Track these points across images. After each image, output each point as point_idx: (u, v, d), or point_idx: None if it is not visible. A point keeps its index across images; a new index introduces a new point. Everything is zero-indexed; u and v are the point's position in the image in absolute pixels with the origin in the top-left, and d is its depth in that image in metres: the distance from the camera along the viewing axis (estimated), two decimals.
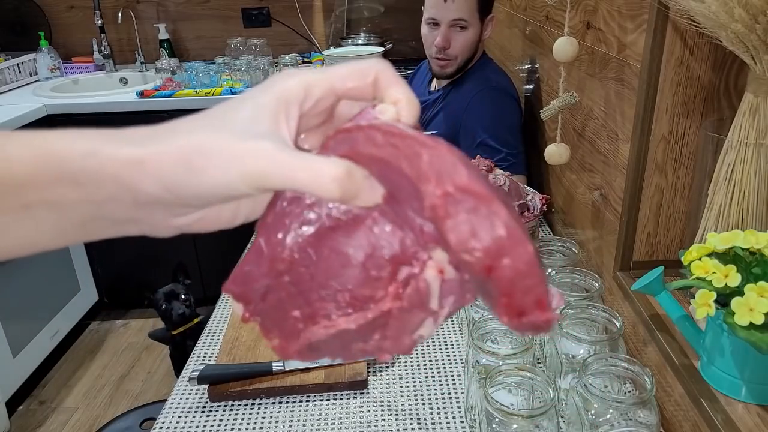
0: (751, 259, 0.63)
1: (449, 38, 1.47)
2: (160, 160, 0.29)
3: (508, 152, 1.42)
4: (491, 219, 0.29)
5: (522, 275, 0.29)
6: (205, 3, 2.75)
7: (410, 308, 0.32)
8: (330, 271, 0.32)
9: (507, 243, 0.29)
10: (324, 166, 0.29)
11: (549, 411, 0.63)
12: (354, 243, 0.32)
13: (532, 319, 0.30)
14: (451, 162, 0.29)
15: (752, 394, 0.65)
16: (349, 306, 0.33)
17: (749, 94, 0.68)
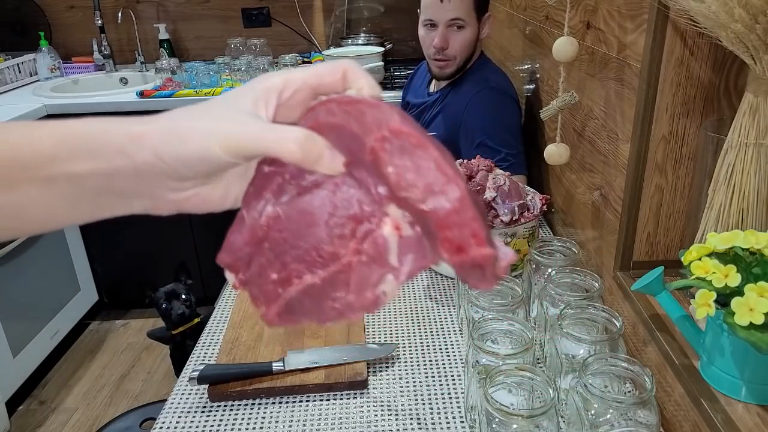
0: (751, 259, 0.63)
1: (447, 38, 1.47)
2: (155, 133, 0.35)
3: (508, 152, 1.42)
4: (424, 159, 0.32)
5: (456, 210, 0.32)
6: (205, 3, 2.75)
7: (369, 262, 0.36)
8: (299, 232, 0.37)
9: (440, 180, 0.32)
10: (288, 132, 0.35)
11: (549, 411, 0.63)
12: (318, 206, 0.36)
13: (472, 254, 0.33)
14: (388, 112, 0.33)
15: (752, 394, 0.65)
16: (315, 263, 0.37)
17: (749, 94, 0.68)
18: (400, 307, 1.12)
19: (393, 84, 2.40)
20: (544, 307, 0.87)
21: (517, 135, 1.47)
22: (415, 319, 1.08)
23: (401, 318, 1.08)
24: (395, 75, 2.54)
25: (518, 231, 1.13)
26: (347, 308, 0.38)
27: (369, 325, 1.06)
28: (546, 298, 0.87)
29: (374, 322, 1.07)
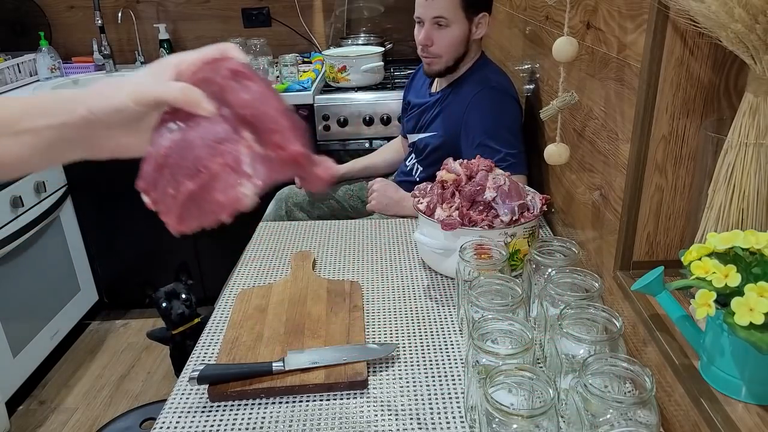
0: (751, 259, 0.63)
1: (431, 36, 1.48)
2: (87, 95, 0.53)
3: (508, 152, 1.42)
4: (252, 86, 0.51)
5: (274, 118, 0.50)
6: (205, 3, 2.75)
7: (231, 171, 0.52)
8: (184, 155, 0.52)
9: (261, 98, 0.51)
10: (173, 84, 0.52)
11: (549, 411, 0.63)
12: (197, 136, 0.52)
13: (289, 151, 0.51)
14: (231, 60, 0.52)
15: (752, 394, 0.65)
16: (194, 175, 0.52)
17: (749, 94, 0.68)
18: (400, 307, 1.12)
19: (393, 84, 2.40)
20: (544, 307, 0.87)
21: (517, 135, 1.47)
22: (415, 319, 1.08)
23: (401, 318, 1.08)
24: (395, 75, 2.54)
25: (518, 231, 1.13)
26: (219, 207, 0.53)
27: (369, 325, 1.06)
28: (546, 298, 0.87)
29: (374, 322, 1.07)
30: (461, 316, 1.02)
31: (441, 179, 1.20)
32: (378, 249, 1.35)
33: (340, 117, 2.25)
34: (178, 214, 0.53)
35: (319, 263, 1.30)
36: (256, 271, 1.28)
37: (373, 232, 1.44)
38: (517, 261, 1.14)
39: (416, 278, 1.22)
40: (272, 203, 1.80)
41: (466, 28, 1.48)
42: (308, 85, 2.26)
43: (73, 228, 2.42)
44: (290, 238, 1.42)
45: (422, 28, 1.49)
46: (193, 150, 0.52)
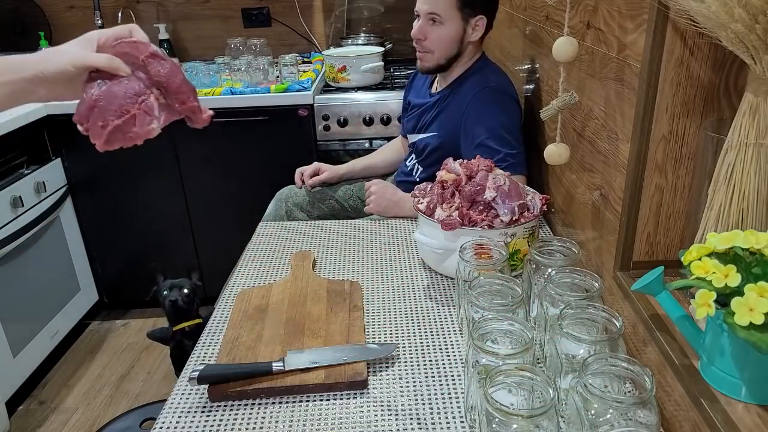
0: (751, 259, 0.63)
1: (424, 31, 1.49)
2: (37, 59, 0.75)
3: (508, 152, 1.42)
4: (166, 64, 0.78)
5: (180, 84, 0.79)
6: (205, 3, 2.75)
7: (145, 114, 0.78)
8: (111, 101, 0.77)
9: (172, 71, 0.78)
10: (101, 54, 0.77)
11: (549, 411, 0.63)
12: (119, 89, 0.77)
13: (189, 104, 0.80)
14: (148, 46, 0.79)
15: (752, 394, 0.65)
16: (120, 114, 0.77)
17: (749, 94, 0.68)
18: (400, 307, 1.12)
19: (393, 84, 2.40)
20: (544, 307, 0.87)
21: (517, 135, 1.47)
22: (415, 319, 1.08)
23: (401, 318, 1.08)
24: (395, 75, 2.54)
25: (518, 231, 1.13)
26: (137, 135, 0.78)
27: (369, 325, 1.06)
28: (546, 298, 0.87)
29: (374, 322, 1.07)
30: (461, 316, 1.02)
31: (441, 179, 1.20)
32: (378, 249, 1.35)
33: (340, 117, 2.25)
34: (106, 139, 0.78)
35: (319, 263, 1.30)
36: (256, 271, 1.28)
37: (373, 232, 1.44)
38: (517, 261, 1.14)
39: (416, 278, 1.22)
40: (272, 203, 1.80)
41: (460, 28, 1.48)
42: (308, 85, 2.26)
43: (73, 228, 2.42)
44: (290, 238, 1.42)
45: (418, 22, 1.51)
46: (117, 98, 0.77)
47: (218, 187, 2.39)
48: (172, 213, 2.41)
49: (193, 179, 2.37)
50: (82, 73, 0.77)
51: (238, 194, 2.38)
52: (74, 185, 2.39)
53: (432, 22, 1.48)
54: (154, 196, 2.40)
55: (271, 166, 2.30)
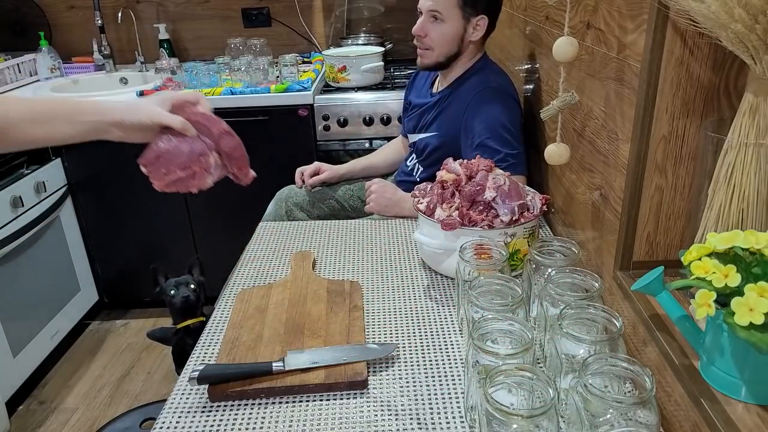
0: (751, 259, 0.63)
1: (425, 28, 1.50)
2: (120, 109, 0.92)
3: (508, 152, 1.42)
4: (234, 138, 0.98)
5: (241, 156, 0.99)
6: (205, 3, 2.75)
7: (204, 171, 0.95)
8: (178, 155, 0.93)
9: (237, 145, 0.98)
10: (176, 117, 0.94)
11: (549, 411, 0.63)
12: (187, 146, 0.93)
13: (243, 171, 1.00)
14: (220, 122, 0.97)
15: (752, 394, 0.65)
16: (183, 168, 0.93)
17: (749, 94, 0.68)
18: (400, 307, 1.12)
19: (393, 84, 2.40)
20: (544, 307, 0.87)
21: (517, 135, 1.47)
22: (415, 319, 1.08)
23: (401, 318, 1.08)
24: (395, 75, 2.54)
25: (518, 231, 1.13)
26: (193, 186, 0.94)
27: (369, 325, 1.06)
28: (546, 298, 0.87)
29: (374, 322, 1.07)
30: (461, 316, 1.02)
31: (441, 179, 1.20)
32: (378, 249, 1.35)
33: (340, 117, 2.25)
34: (166, 183, 0.94)
35: (319, 263, 1.30)
36: (256, 271, 1.28)
37: (373, 232, 1.44)
38: (517, 261, 1.14)
39: (416, 278, 1.22)
40: (272, 203, 1.80)
41: (461, 26, 1.49)
42: (308, 85, 2.26)
43: (73, 228, 2.42)
44: (290, 238, 1.42)
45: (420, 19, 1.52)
46: (183, 154, 0.93)
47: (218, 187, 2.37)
48: (172, 213, 2.41)
49: None
50: (155, 127, 0.93)
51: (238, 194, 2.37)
52: (74, 185, 2.39)
53: (433, 19, 1.48)
54: (154, 196, 2.38)
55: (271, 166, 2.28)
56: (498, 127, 1.44)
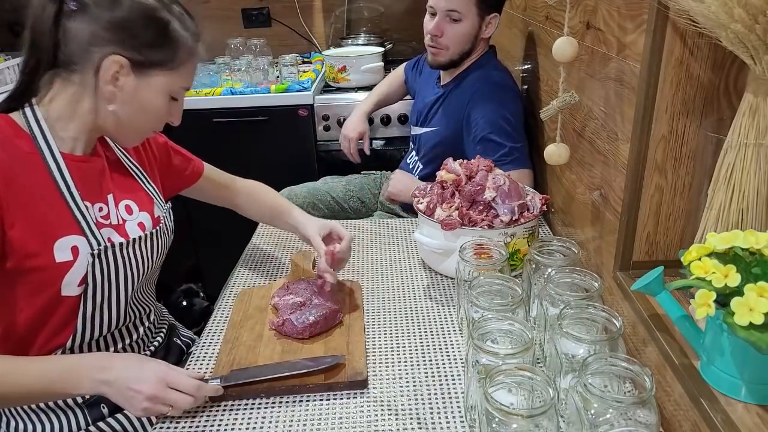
0: (750, 259, 0.63)
1: (442, 27, 1.49)
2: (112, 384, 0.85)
3: (512, 146, 1.42)
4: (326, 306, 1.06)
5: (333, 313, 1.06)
6: (205, 3, 2.75)
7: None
8: (308, 308, 1.04)
9: (333, 312, 1.05)
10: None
11: (549, 411, 0.63)
12: (315, 302, 1.06)
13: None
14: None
15: (752, 394, 0.65)
16: (318, 316, 1.02)
17: (749, 94, 0.68)
18: (400, 307, 1.12)
19: None
20: (543, 307, 0.87)
21: (520, 129, 1.47)
22: (415, 319, 1.08)
23: (401, 318, 1.08)
24: None
25: (518, 231, 1.13)
26: (323, 330, 1.02)
27: (369, 325, 1.06)
28: (546, 298, 0.87)
29: (374, 322, 1.07)
30: (461, 316, 1.02)
31: (441, 179, 1.20)
32: (378, 249, 1.35)
33: (340, 117, 2.24)
34: (301, 331, 1.01)
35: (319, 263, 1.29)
36: (256, 271, 1.28)
37: (373, 232, 1.44)
38: (516, 261, 1.14)
39: (416, 278, 1.22)
40: None
41: (476, 24, 1.49)
42: (308, 85, 2.26)
43: None
44: (290, 238, 1.42)
45: (433, 18, 1.50)
46: (312, 307, 1.05)
47: None
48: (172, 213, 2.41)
49: None
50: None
51: None
52: None
53: (450, 18, 1.47)
54: None
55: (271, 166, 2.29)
56: (501, 121, 1.44)
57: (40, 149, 0.88)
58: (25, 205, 0.85)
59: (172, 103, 0.96)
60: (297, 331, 0.99)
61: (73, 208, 0.89)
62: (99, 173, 0.97)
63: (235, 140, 2.29)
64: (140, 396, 0.82)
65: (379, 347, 1.00)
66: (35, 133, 0.88)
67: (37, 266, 0.86)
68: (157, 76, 0.90)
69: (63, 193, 0.89)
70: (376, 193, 1.90)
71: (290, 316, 1.01)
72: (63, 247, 0.87)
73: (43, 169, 0.88)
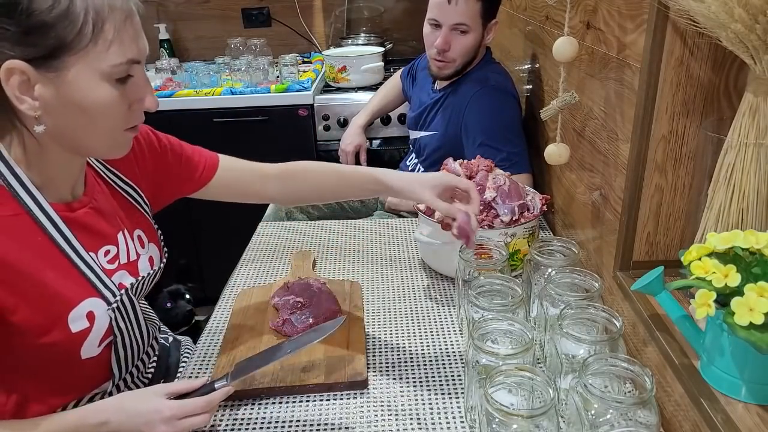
0: (750, 258, 0.63)
1: (449, 41, 1.47)
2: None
3: (510, 151, 1.42)
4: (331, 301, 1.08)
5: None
6: (205, 3, 2.75)
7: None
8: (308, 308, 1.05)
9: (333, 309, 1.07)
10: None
11: (549, 411, 0.63)
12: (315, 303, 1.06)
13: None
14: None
15: (752, 394, 0.65)
16: (317, 317, 1.03)
17: (749, 94, 0.68)
18: (400, 307, 1.12)
19: None
20: (544, 307, 0.87)
21: (519, 133, 1.47)
22: (415, 319, 1.08)
23: (401, 318, 1.08)
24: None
25: (518, 231, 1.13)
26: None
27: (369, 325, 1.06)
28: (546, 298, 0.87)
29: (374, 322, 1.07)
30: (461, 316, 1.02)
31: None
32: (378, 249, 1.35)
33: (340, 117, 2.25)
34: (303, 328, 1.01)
35: (319, 263, 1.30)
36: (256, 271, 1.28)
37: (373, 232, 1.44)
38: (517, 261, 1.14)
39: (416, 278, 1.22)
40: (272, 204, 1.79)
41: (481, 34, 1.49)
42: (308, 85, 2.26)
43: None
44: (290, 238, 1.42)
45: (436, 31, 1.48)
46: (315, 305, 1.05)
47: None
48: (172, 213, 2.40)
49: None
50: None
51: None
52: None
53: (460, 32, 1.46)
54: None
55: None
56: (498, 126, 1.44)
57: (26, 207, 0.74)
58: (25, 282, 0.73)
59: (126, 86, 0.74)
60: (297, 331, 0.99)
61: (81, 266, 0.78)
62: (98, 215, 0.85)
63: (235, 140, 2.29)
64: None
65: (379, 347, 1.00)
66: (14, 188, 0.73)
67: (51, 342, 0.76)
68: (72, 63, 0.69)
69: (65, 252, 0.77)
70: None
71: (290, 316, 1.01)
72: (78, 317, 0.77)
73: (36, 230, 0.75)
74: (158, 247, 0.98)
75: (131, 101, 0.76)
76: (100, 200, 0.86)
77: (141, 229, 0.95)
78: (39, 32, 0.67)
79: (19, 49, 0.67)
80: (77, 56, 0.69)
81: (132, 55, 0.73)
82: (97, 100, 0.72)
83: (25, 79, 0.68)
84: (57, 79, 0.69)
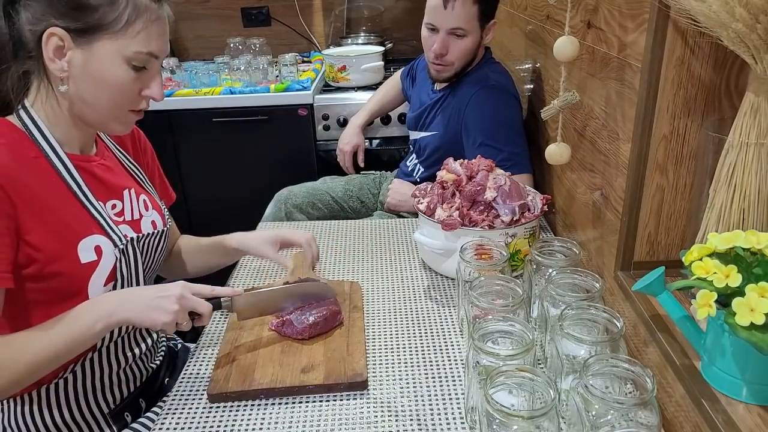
0: (752, 259, 0.63)
1: (447, 45, 1.47)
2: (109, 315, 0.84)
3: (511, 151, 1.42)
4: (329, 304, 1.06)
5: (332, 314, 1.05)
6: (204, 3, 2.74)
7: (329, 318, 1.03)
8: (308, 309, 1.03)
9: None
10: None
11: (550, 412, 0.63)
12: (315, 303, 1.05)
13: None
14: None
15: (753, 394, 0.65)
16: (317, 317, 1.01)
17: (750, 93, 0.67)
18: (400, 307, 1.12)
19: None
20: (544, 308, 0.87)
21: (519, 133, 1.47)
22: (415, 320, 1.07)
23: (401, 318, 1.08)
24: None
25: (519, 231, 1.13)
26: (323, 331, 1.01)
27: (369, 325, 1.06)
28: (547, 299, 0.87)
29: (374, 322, 1.07)
30: (461, 316, 1.02)
31: (441, 179, 1.20)
32: (378, 249, 1.35)
33: (340, 117, 2.24)
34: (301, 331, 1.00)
35: (319, 263, 1.29)
36: (256, 271, 1.27)
37: (373, 232, 1.43)
38: (517, 261, 1.14)
39: (416, 279, 1.22)
40: (271, 204, 1.79)
41: (479, 36, 1.48)
42: (308, 85, 2.26)
43: None
44: None
45: (434, 35, 1.48)
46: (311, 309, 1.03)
47: (218, 187, 2.38)
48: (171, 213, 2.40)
49: (192, 179, 2.37)
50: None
51: (237, 194, 2.38)
52: None
53: (457, 36, 1.46)
54: None
55: (270, 166, 2.30)
56: (499, 126, 1.44)
57: (45, 152, 0.86)
58: (41, 210, 0.82)
59: (141, 74, 0.88)
60: (297, 331, 0.99)
61: (90, 208, 0.88)
62: (107, 171, 0.95)
63: (235, 140, 2.29)
64: (170, 299, 0.83)
65: (379, 348, 1.00)
66: (35, 136, 0.86)
67: (61, 271, 0.84)
68: (103, 41, 0.82)
69: (77, 194, 0.87)
70: (376, 193, 1.89)
71: (290, 317, 1.01)
72: (87, 248, 0.86)
73: (52, 173, 0.86)
74: (161, 217, 1.05)
75: (142, 87, 0.90)
76: (109, 162, 0.98)
77: (146, 196, 1.03)
78: (84, 11, 0.81)
79: (63, 20, 0.80)
80: (109, 37, 0.82)
81: (153, 49, 0.87)
82: (113, 77, 0.85)
83: (61, 44, 0.81)
84: (87, 51, 0.82)
